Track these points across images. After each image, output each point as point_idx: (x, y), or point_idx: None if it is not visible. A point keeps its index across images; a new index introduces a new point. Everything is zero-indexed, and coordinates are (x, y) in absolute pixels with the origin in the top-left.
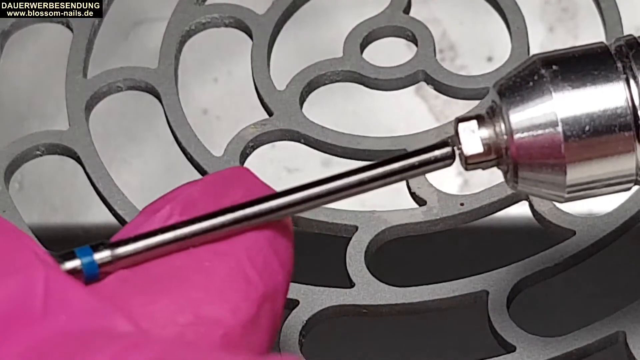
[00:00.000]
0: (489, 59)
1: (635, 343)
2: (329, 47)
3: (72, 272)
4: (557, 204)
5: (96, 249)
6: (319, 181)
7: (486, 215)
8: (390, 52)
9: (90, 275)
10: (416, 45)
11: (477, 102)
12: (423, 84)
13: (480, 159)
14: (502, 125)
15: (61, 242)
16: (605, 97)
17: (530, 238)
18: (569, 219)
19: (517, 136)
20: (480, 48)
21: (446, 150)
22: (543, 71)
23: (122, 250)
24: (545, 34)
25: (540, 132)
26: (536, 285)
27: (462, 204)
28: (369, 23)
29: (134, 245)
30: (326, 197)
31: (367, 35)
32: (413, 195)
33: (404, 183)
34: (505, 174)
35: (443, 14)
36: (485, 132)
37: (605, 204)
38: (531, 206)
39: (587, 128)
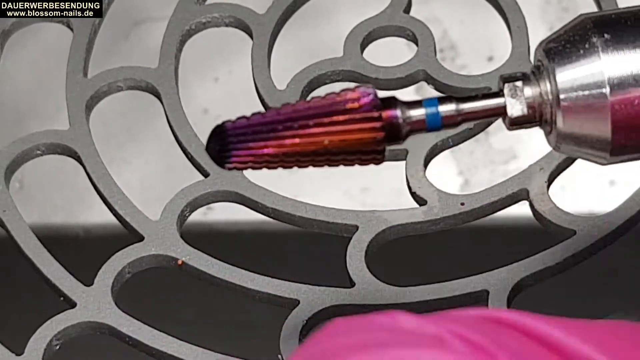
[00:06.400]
0: (490, 59)
1: None
2: (329, 47)
3: (418, 121)
4: (559, 205)
5: (442, 101)
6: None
7: (487, 215)
8: (390, 52)
9: (433, 127)
10: (416, 44)
11: None
12: (423, 83)
13: (524, 119)
14: (548, 85)
15: (61, 241)
16: None
17: (530, 238)
18: (569, 219)
19: (563, 96)
20: (480, 47)
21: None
22: (595, 39)
23: (466, 106)
24: (545, 34)
25: (586, 92)
26: (536, 285)
27: (462, 204)
28: (369, 22)
29: (476, 104)
30: None
31: (368, 35)
32: (413, 195)
33: (404, 183)
34: (547, 135)
35: (443, 14)
36: (529, 92)
37: (606, 204)
38: (531, 206)
39: (632, 89)
